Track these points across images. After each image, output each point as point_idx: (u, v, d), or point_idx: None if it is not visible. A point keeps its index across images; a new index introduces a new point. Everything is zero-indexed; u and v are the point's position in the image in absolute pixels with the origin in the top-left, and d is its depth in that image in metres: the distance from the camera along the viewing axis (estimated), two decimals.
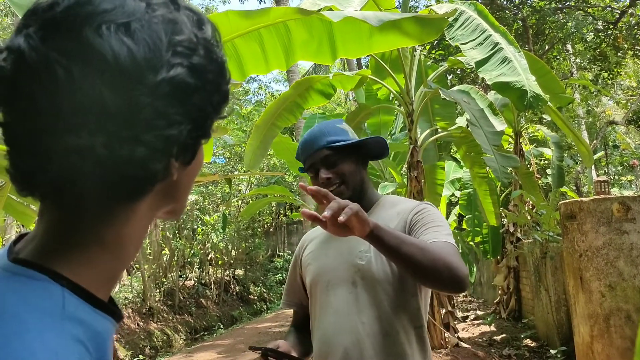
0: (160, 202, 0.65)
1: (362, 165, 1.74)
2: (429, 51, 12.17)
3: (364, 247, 1.62)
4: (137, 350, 9.93)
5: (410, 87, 6.57)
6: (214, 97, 0.62)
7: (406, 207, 1.68)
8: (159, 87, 0.56)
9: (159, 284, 12.78)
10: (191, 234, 13.64)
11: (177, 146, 0.60)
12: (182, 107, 0.58)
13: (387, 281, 1.60)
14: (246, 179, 14.77)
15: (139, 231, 0.64)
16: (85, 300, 0.58)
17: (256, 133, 6.49)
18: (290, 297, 1.88)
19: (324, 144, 1.68)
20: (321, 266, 1.71)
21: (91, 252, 0.60)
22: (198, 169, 0.68)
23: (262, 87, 20.75)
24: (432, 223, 1.59)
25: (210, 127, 0.64)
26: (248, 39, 3.39)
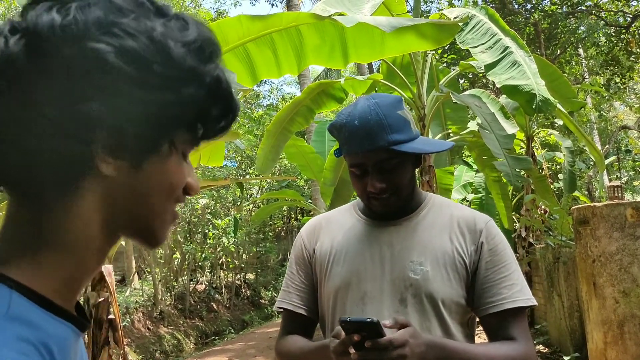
0: (113, 211, 0.60)
1: (413, 171, 1.43)
2: (440, 55, 12.15)
3: (417, 256, 1.36)
4: (147, 355, 9.96)
5: (422, 92, 6.56)
6: (160, 96, 0.57)
7: (468, 218, 1.42)
8: (74, 59, 0.54)
9: (169, 287, 12.82)
10: (202, 237, 13.68)
11: (96, 132, 0.56)
12: (102, 89, 0.55)
13: (444, 303, 1.34)
14: (257, 183, 14.80)
15: (89, 237, 0.60)
16: (37, 304, 0.56)
17: (268, 138, 6.51)
18: (304, 298, 1.49)
19: (384, 144, 1.29)
20: (355, 271, 1.39)
21: (40, 256, 0.58)
22: (165, 186, 0.62)
23: (274, 89, 20.83)
24: (508, 266, 1.37)
25: (161, 133, 0.59)
26: (260, 44, 3.40)
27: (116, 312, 3.24)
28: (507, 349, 1.30)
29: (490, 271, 1.35)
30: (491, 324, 1.36)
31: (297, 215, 18.87)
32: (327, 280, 1.43)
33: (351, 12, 4.80)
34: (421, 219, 1.42)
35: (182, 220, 13.22)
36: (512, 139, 5.74)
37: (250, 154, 13.95)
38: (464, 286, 1.37)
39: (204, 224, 13.59)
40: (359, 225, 1.46)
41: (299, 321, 1.50)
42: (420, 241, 1.39)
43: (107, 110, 0.54)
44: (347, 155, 1.38)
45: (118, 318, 3.25)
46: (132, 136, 0.57)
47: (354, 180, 1.40)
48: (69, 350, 0.58)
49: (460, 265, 1.36)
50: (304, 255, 1.51)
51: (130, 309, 10.71)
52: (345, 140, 1.35)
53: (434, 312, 1.34)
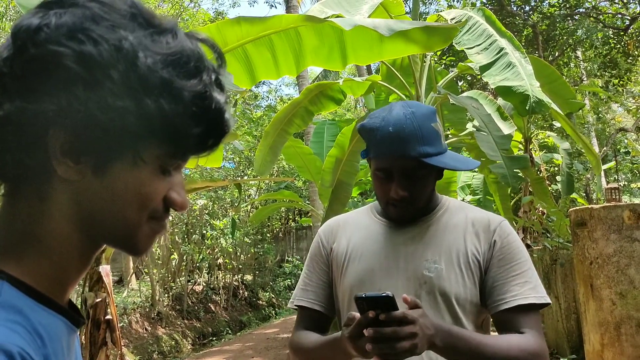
0: (86, 216, 0.61)
1: (438, 178, 1.44)
2: (439, 57, 12.17)
3: (431, 254, 1.38)
4: (145, 355, 9.95)
5: (420, 93, 6.56)
6: (117, 102, 0.56)
7: (482, 219, 1.44)
8: (34, 60, 0.56)
9: (167, 288, 12.80)
10: (200, 238, 13.67)
11: (49, 133, 0.56)
12: (56, 90, 0.56)
13: (458, 302, 1.35)
14: (256, 184, 14.80)
15: (66, 240, 0.61)
16: (29, 295, 0.58)
17: (266, 139, 6.51)
18: (321, 295, 1.51)
19: (415, 154, 1.31)
20: (370, 268, 1.41)
21: (25, 250, 0.60)
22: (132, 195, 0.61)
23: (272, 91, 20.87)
24: (521, 264, 1.37)
25: (124, 141, 0.58)
26: (259, 45, 3.42)
27: (113, 312, 3.25)
28: (519, 340, 1.30)
29: (503, 268, 1.37)
30: (503, 320, 1.36)
31: (295, 216, 18.87)
32: (343, 278, 1.46)
33: (349, 14, 4.82)
34: (436, 221, 1.45)
35: (180, 221, 13.21)
36: (509, 139, 5.74)
37: (249, 155, 13.95)
38: (477, 285, 1.38)
39: (202, 225, 13.59)
40: (376, 226, 1.49)
41: (315, 317, 1.52)
42: (435, 241, 1.41)
43: (60, 112, 0.55)
44: (374, 159, 1.39)
45: (115, 318, 3.26)
46: (90, 140, 0.57)
47: (376, 183, 1.42)
48: (59, 340, 0.60)
49: (474, 264, 1.38)
50: (322, 253, 1.54)
51: (127, 310, 10.70)
52: (375, 144, 1.37)
53: (448, 310, 1.35)
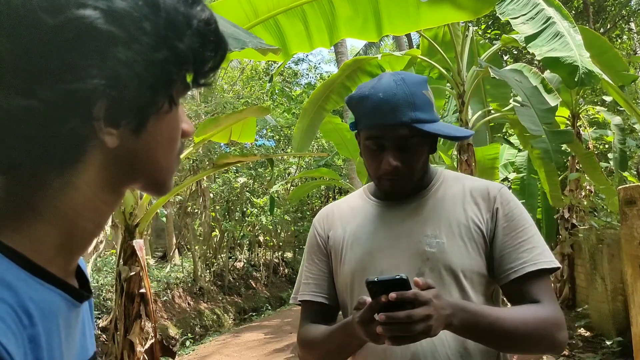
0: (115, 174, 0.58)
1: (431, 151, 1.38)
2: (484, 31, 11.80)
3: (431, 229, 1.32)
4: (187, 329, 10.17)
5: (461, 67, 6.36)
6: (156, 55, 0.53)
7: (481, 187, 1.38)
8: (59, 32, 0.49)
9: (209, 264, 13.03)
10: (241, 215, 13.81)
11: (96, 106, 0.52)
12: (95, 59, 0.50)
13: (464, 274, 1.29)
14: (295, 162, 14.82)
15: (86, 204, 0.58)
16: (24, 268, 0.53)
17: (304, 116, 6.45)
18: (323, 286, 1.45)
19: (407, 120, 1.25)
20: (369, 252, 1.35)
21: (26, 221, 0.55)
22: (167, 142, 0.61)
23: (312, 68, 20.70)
24: (526, 230, 1.32)
25: (161, 92, 0.56)
26: (291, 16, 3.32)
27: (147, 286, 3.27)
28: (535, 310, 1.24)
29: (508, 237, 1.31)
30: (514, 290, 1.30)
31: (335, 194, 18.85)
32: (342, 265, 1.40)
33: None
34: (433, 194, 1.39)
35: (221, 199, 13.36)
36: (554, 112, 5.47)
37: (288, 133, 13.93)
38: (483, 256, 1.32)
39: (243, 202, 13.71)
40: (370, 208, 1.44)
41: (320, 310, 1.46)
42: (434, 215, 1.35)
43: (103, 82, 0.51)
44: (364, 129, 1.33)
45: (149, 292, 3.28)
46: (132, 102, 0.54)
47: (367, 156, 1.35)
48: (55, 317, 0.55)
49: (477, 234, 1.32)
50: (319, 243, 1.48)
51: (170, 285, 10.93)
52: (365, 113, 1.30)
53: (455, 284, 1.29)
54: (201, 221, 13.10)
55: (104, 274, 9.24)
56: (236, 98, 13.14)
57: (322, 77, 19.18)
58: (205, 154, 11.28)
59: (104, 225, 0.62)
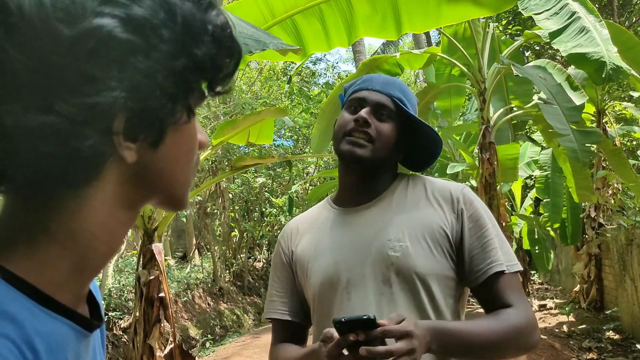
0: (131, 191, 0.55)
1: (398, 150, 1.38)
2: (505, 27, 11.62)
3: (394, 233, 1.29)
4: (207, 330, 10.19)
5: (482, 64, 6.26)
6: (175, 63, 0.51)
7: (443, 188, 1.37)
8: (77, 43, 0.45)
9: (228, 265, 13.06)
10: (260, 216, 13.81)
11: (116, 120, 0.49)
12: (114, 70, 0.47)
13: (431, 278, 1.28)
14: (314, 161, 14.78)
15: (101, 225, 0.54)
16: (30, 296, 0.49)
17: (322, 117, 6.41)
18: (289, 304, 1.43)
19: (393, 94, 1.34)
20: (333, 262, 1.33)
21: (38, 245, 0.51)
22: (184, 154, 0.58)
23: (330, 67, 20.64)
24: (490, 230, 1.31)
25: (180, 102, 0.53)
26: (308, 16, 3.26)
27: (166, 290, 3.24)
28: (509, 319, 1.25)
29: (475, 237, 1.31)
30: (483, 293, 1.30)
31: None
32: (309, 279, 1.37)
33: None
34: (395, 197, 1.37)
35: (240, 199, 13.38)
36: (580, 111, 5.32)
37: (306, 133, 13.89)
38: (449, 258, 1.31)
39: (261, 203, 13.72)
40: (331, 216, 1.42)
41: (288, 328, 1.44)
42: (396, 218, 1.33)
43: (123, 94, 0.48)
44: (352, 94, 1.38)
45: (168, 296, 3.25)
46: (152, 114, 0.51)
47: (342, 115, 1.37)
48: (63, 350, 0.51)
49: (441, 236, 1.30)
50: (283, 260, 1.46)
51: (190, 285, 10.97)
52: (357, 82, 1.40)
53: (423, 288, 1.28)
54: (220, 222, 13.13)
55: (125, 274, 9.29)
56: (254, 98, 13.14)
57: (340, 76, 19.09)
58: (224, 155, 11.30)
59: (118, 247, 0.59)
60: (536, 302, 9.93)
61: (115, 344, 7.95)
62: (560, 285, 12.24)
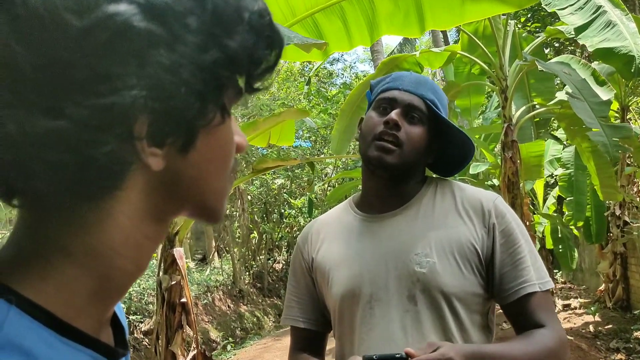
0: (159, 203, 0.49)
1: (427, 154, 1.31)
2: (523, 24, 11.47)
3: (421, 247, 1.23)
4: (228, 332, 10.19)
5: (503, 62, 6.15)
6: (204, 56, 0.44)
7: (473, 199, 1.29)
8: (89, 35, 0.39)
9: (248, 267, 13.07)
10: (279, 217, 13.80)
11: (137, 123, 0.42)
12: (133, 66, 0.41)
13: (457, 296, 1.22)
14: (332, 163, 14.73)
15: (126, 240, 0.48)
16: (45, 324, 0.43)
17: (342, 118, 6.35)
18: (307, 311, 1.38)
19: (426, 95, 1.27)
20: (357, 274, 1.26)
21: (54, 265, 0.45)
22: (219, 159, 0.51)
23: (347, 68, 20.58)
24: (524, 246, 1.26)
25: (211, 101, 0.46)
26: (329, 14, 3.21)
27: (188, 295, 3.21)
28: (542, 340, 1.20)
29: (506, 254, 1.24)
30: (515, 312, 1.25)
31: None
32: (330, 289, 1.31)
33: None
34: (422, 206, 1.30)
35: (259, 201, 13.38)
36: (608, 106, 5.18)
37: (325, 134, 13.86)
38: (478, 275, 1.24)
39: (280, 204, 13.70)
40: (355, 223, 1.35)
41: (307, 336, 1.40)
42: (424, 230, 1.26)
43: (144, 93, 0.42)
44: (381, 93, 1.31)
45: (190, 301, 3.22)
46: (179, 115, 0.44)
47: (370, 117, 1.30)
48: None
49: (470, 252, 1.23)
50: (303, 266, 1.40)
51: (210, 288, 10.98)
52: (387, 80, 1.32)
53: (448, 307, 1.22)
54: (239, 223, 13.14)
55: (145, 277, 9.33)
56: (272, 100, 13.13)
57: (357, 76, 19.02)
58: (242, 157, 11.30)
59: (146, 264, 0.52)
60: (560, 302, 9.77)
61: (137, 348, 7.97)
62: (583, 284, 12.06)
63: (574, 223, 9.15)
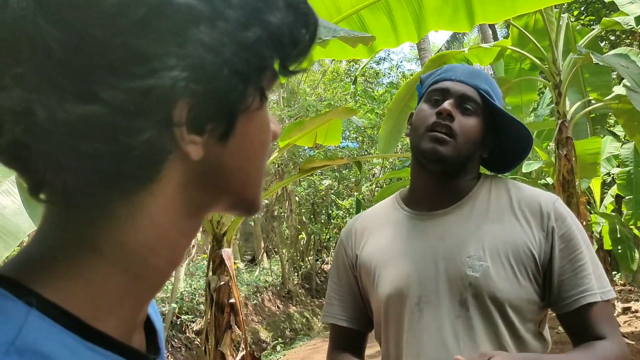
0: (196, 194, 0.45)
1: (482, 148, 1.26)
2: (577, 17, 11.08)
3: (474, 249, 1.17)
4: (277, 332, 10.25)
5: (556, 56, 5.95)
6: (246, 34, 0.41)
7: (531, 200, 1.21)
8: (124, 12, 0.36)
9: (296, 267, 13.12)
10: (326, 218, 13.80)
11: (176, 107, 0.39)
12: (172, 45, 0.38)
13: (511, 303, 1.15)
14: (380, 163, 14.63)
15: (160, 237, 0.44)
16: (69, 328, 0.39)
17: (389, 117, 6.29)
18: (349, 309, 1.34)
19: (480, 85, 1.21)
20: (404, 274, 1.20)
21: (82, 264, 0.42)
22: (258, 147, 0.48)
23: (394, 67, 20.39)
24: (584, 252, 1.18)
25: (252, 83, 0.43)
26: (375, 10, 3.15)
27: (236, 296, 3.21)
28: (605, 354, 1.13)
29: (566, 260, 1.17)
30: (574, 321, 1.18)
31: None
32: (376, 288, 1.25)
33: None
34: (476, 205, 1.23)
35: (307, 202, 13.42)
36: None
37: (372, 134, 13.77)
38: (533, 281, 1.17)
39: (328, 205, 13.70)
40: (404, 220, 1.29)
41: (347, 335, 1.36)
42: (477, 231, 1.19)
43: (184, 74, 0.38)
44: (433, 84, 1.26)
45: (238, 302, 3.23)
46: (221, 99, 0.41)
47: (422, 110, 1.24)
48: None
49: (527, 257, 1.16)
50: (345, 263, 1.35)
51: (260, 288, 11.07)
52: (438, 72, 1.28)
53: (500, 315, 1.15)
54: (288, 224, 13.21)
55: (197, 278, 9.48)
56: (318, 101, 13.15)
57: (404, 75, 18.82)
58: (290, 158, 11.35)
59: (179, 262, 0.49)
60: (620, 305, 9.36)
61: (189, 347, 8.11)
62: None
63: (633, 222, 8.78)
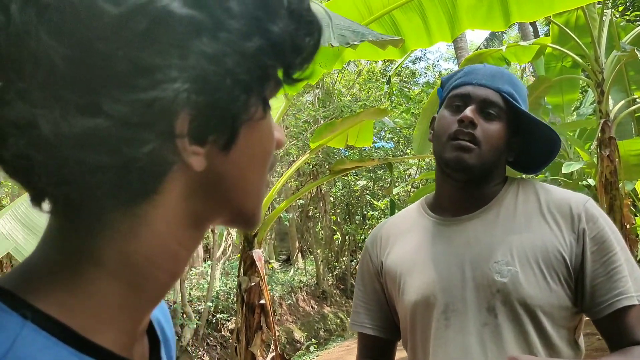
0: (198, 206, 0.45)
1: (508, 151, 1.22)
2: (622, 13, 10.74)
3: (502, 254, 1.13)
4: (311, 332, 10.27)
5: (599, 54, 5.77)
6: (247, 44, 0.40)
7: (561, 201, 1.17)
8: (126, 24, 0.35)
9: (331, 268, 13.11)
10: (361, 218, 13.75)
11: (179, 119, 0.39)
12: (174, 56, 0.37)
13: (542, 309, 1.11)
14: (415, 163, 14.50)
15: (161, 249, 0.44)
16: (66, 342, 0.39)
17: (424, 116, 6.21)
18: (375, 318, 1.31)
19: (502, 88, 1.17)
20: (430, 281, 1.18)
21: (82, 275, 0.42)
22: (259, 157, 0.47)
23: (430, 67, 20.17)
24: (619, 254, 1.13)
25: (255, 92, 0.43)
26: (407, 10, 3.11)
27: (267, 297, 3.22)
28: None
29: (599, 263, 1.12)
30: (609, 326, 1.14)
31: None
32: (401, 295, 1.23)
33: None
34: (502, 209, 1.19)
35: (342, 202, 13.40)
36: None
37: (407, 134, 13.65)
38: (565, 286, 1.13)
39: (363, 206, 13.65)
40: (429, 226, 1.26)
41: (374, 343, 1.33)
42: (504, 236, 1.16)
43: (187, 86, 0.39)
44: (453, 89, 1.21)
45: (269, 303, 3.23)
46: (223, 110, 0.41)
47: (443, 117, 1.20)
48: None
49: (557, 261, 1.12)
50: (371, 270, 1.33)
51: (294, 288, 11.11)
52: (458, 75, 1.23)
53: (531, 321, 1.11)
54: (322, 225, 13.21)
55: (232, 277, 9.58)
56: (354, 101, 13.10)
57: (440, 74, 18.60)
58: (324, 159, 11.35)
59: (180, 274, 0.48)
60: None
61: (224, 345, 8.20)
62: None
63: None
